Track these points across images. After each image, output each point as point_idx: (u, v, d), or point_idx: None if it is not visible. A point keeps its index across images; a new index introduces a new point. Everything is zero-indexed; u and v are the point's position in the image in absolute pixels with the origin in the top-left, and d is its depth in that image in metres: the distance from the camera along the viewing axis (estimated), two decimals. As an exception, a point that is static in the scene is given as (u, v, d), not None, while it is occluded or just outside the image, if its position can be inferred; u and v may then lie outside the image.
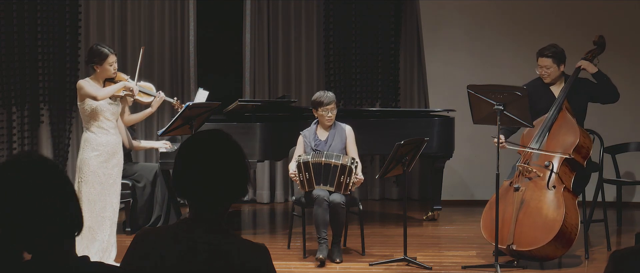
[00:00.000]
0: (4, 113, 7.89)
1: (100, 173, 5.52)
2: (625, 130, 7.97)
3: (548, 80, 6.02)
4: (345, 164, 5.82)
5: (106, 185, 5.55)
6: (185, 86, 8.55)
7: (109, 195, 5.57)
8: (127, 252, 2.22)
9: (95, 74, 5.58)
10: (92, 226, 5.48)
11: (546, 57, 5.98)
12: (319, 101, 6.04)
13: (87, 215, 5.46)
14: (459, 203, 8.37)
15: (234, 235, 2.22)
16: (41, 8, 7.89)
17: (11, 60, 7.83)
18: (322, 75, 8.75)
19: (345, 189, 5.86)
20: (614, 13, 8.17)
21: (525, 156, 5.83)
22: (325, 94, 6.06)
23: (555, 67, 5.99)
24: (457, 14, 8.43)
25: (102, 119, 5.54)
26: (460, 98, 6.45)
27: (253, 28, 8.62)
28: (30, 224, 1.89)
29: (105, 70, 5.55)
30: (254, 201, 8.82)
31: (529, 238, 5.54)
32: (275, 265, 2.28)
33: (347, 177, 5.83)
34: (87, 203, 5.47)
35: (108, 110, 5.56)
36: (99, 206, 5.51)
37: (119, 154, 5.67)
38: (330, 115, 6.04)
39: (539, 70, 6.04)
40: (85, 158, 5.52)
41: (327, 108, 6.01)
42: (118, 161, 5.65)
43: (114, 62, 5.57)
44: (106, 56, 5.52)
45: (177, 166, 2.25)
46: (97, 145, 5.52)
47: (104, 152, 5.54)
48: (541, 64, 6.01)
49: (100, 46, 5.60)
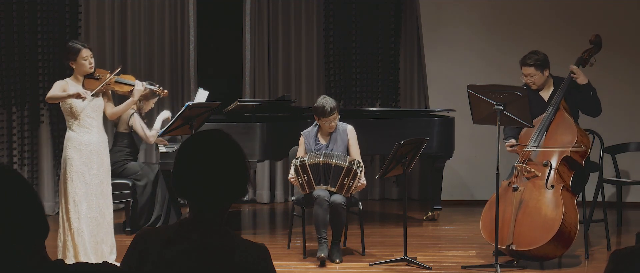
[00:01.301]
0: (4, 113, 7.88)
1: (85, 172, 5.45)
2: (625, 130, 7.96)
3: (534, 87, 6.05)
4: (351, 167, 5.80)
5: (91, 185, 5.47)
6: (185, 86, 8.55)
7: (95, 195, 5.48)
8: (127, 251, 2.22)
9: (74, 73, 5.53)
10: (80, 227, 5.41)
11: (528, 66, 6.02)
12: (321, 111, 5.92)
13: (74, 217, 5.40)
14: (459, 203, 8.37)
15: (234, 235, 2.22)
16: (41, 8, 7.89)
17: (11, 60, 7.83)
18: (322, 75, 8.75)
19: (347, 191, 5.84)
20: (613, 13, 8.17)
21: (524, 156, 5.83)
22: (328, 104, 5.90)
23: (539, 74, 6.01)
24: (457, 14, 8.43)
25: (83, 117, 5.47)
26: (460, 98, 6.45)
27: (253, 28, 8.62)
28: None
29: (80, 65, 5.47)
30: (254, 201, 8.82)
31: (528, 238, 5.54)
32: (275, 265, 2.28)
33: (350, 180, 5.81)
34: (72, 204, 5.41)
35: (87, 107, 5.48)
36: (85, 207, 5.43)
37: (103, 153, 5.58)
38: (333, 124, 5.99)
39: (524, 78, 6.08)
40: (68, 157, 5.46)
41: (329, 118, 5.96)
42: (102, 160, 5.55)
43: (89, 57, 5.47)
44: (78, 51, 5.44)
45: (177, 166, 2.24)
46: (79, 144, 5.45)
47: (86, 151, 5.46)
48: (525, 73, 6.05)
49: (73, 42, 5.56)
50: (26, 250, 1.84)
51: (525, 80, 6.07)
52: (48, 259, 1.89)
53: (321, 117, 5.95)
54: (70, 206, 5.42)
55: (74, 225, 5.41)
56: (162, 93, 6.04)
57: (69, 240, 5.43)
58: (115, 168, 6.88)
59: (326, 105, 5.91)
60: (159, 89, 6.02)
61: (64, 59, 5.56)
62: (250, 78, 8.68)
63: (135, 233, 5.59)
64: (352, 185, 5.82)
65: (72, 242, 5.42)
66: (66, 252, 5.43)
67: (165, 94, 6.10)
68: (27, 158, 7.98)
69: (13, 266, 1.83)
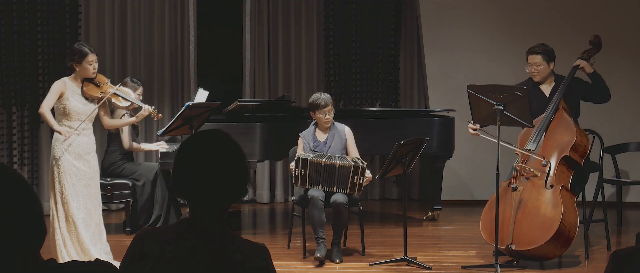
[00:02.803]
0: (4, 113, 7.88)
1: (73, 173, 5.47)
2: (625, 130, 7.97)
3: (538, 78, 6.03)
4: (357, 165, 5.81)
5: (79, 186, 5.49)
6: (185, 86, 8.55)
7: (83, 196, 5.50)
8: (127, 252, 2.21)
9: (74, 74, 5.53)
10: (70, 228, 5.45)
11: (536, 54, 6.01)
12: (315, 104, 6.03)
13: (61, 217, 5.45)
14: (459, 203, 8.37)
15: (234, 235, 2.22)
16: (41, 8, 7.88)
17: (11, 60, 7.82)
18: (322, 75, 8.75)
19: (359, 189, 5.86)
20: (613, 13, 8.17)
21: (523, 156, 5.83)
22: (322, 97, 6.04)
23: (545, 65, 6.01)
24: (457, 14, 8.43)
25: (76, 120, 5.49)
26: (460, 98, 6.45)
27: (253, 28, 8.62)
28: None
29: (84, 69, 5.49)
30: (254, 201, 8.82)
31: (528, 238, 5.54)
32: (275, 265, 2.28)
33: (360, 177, 5.83)
34: (60, 204, 5.46)
35: (81, 111, 5.50)
36: (74, 208, 5.46)
37: (91, 155, 5.60)
38: (328, 117, 6.04)
39: (528, 68, 6.07)
40: (56, 156, 5.49)
41: (324, 110, 6.00)
42: (89, 162, 5.57)
43: (94, 62, 5.50)
44: (85, 55, 5.46)
45: (176, 166, 2.24)
46: (67, 145, 5.47)
47: (74, 152, 5.48)
48: (531, 61, 6.04)
49: (80, 44, 5.58)
50: (19, 251, 1.84)
51: (529, 70, 6.05)
52: (40, 259, 1.88)
53: (316, 110, 6.02)
54: (59, 206, 5.46)
55: (62, 223, 5.45)
56: (157, 116, 6.07)
57: (60, 239, 5.45)
58: (113, 168, 6.88)
59: (320, 98, 6.03)
60: (154, 111, 6.03)
61: (68, 59, 5.56)
62: (250, 78, 8.68)
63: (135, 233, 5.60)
64: (363, 181, 5.84)
65: (62, 241, 5.46)
66: (60, 249, 5.46)
67: (159, 117, 6.14)
68: (27, 158, 7.97)
69: (4, 266, 1.83)
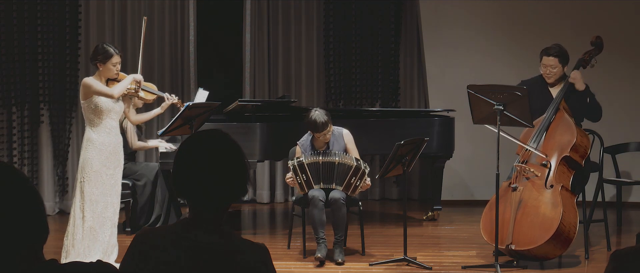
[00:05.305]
0: (4, 113, 7.88)
1: (103, 173, 5.51)
2: (625, 130, 7.96)
3: (552, 80, 5.99)
4: (359, 166, 5.78)
5: (108, 185, 5.54)
6: (185, 86, 8.55)
7: (110, 195, 5.56)
8: (127, 252, 2.22)
9: (97, 73, 5.56)
10: (94, 226, 5.48)
11: (553, 56, 5.95)
12: (313, 127, 5.83)
13: (88, 215, 5.47)
14: (459, 203, 8.37)
15: (234, 235, 2.22)
16: (41, 8, 7.88)
17: (11, 60, 7.82)
18: (322, 75, 8.75)
19: (353, 190, 5.82)
20: (613, 13, 8.17)
21: (523, 156, 5.83)
22: (319, 119, 5.76)
23: (560, 68, 5.97)
24: (457, 14, 8.43)
25: (106, 119, 5.52)
26: (460, 98, 6.45)
27: (253, 28, 8.62)
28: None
29: (107, 69, 5.52)
30: (254, 201, 8.82)
31: (527, 238, 5.54)
32: (275, 265, 2.28)
33: (358, 179, 5.79)
34: (89, 203, 5.47)
35: (113, 109, 5.54)
36: (101, 207, 5.51)
37: (120, 154, 5.66)
38: (327, 136, 5.90)
39: (543, 69, 6.01)
40: (88, 157, 5.50)
41: (322, 133, 5.86)
42: (119, 161, 5.64)
43: (118, 64, 5.54)
44: (111, 56, 5.49)
45: (176, 166, 2.24)
46: (100, 144, 5.50)
47: (106, 152, 5.52)
48: (546, 63, 5.98)
49: (106, 45, 5.59)
50: (22, 251, 1.84)
51: (544, 71, 6.00)
52: (42, 259, 1.89)
53: (314, 132, 5.89)
54: (87, 205, 5.46)
55: (87, 223, 5.46)
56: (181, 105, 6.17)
57: (79, 239, 5.46)
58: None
59: (317, 120, 5.77)
60: (178, 101, 6.20)
61: (92, 59, 5.56)
62: (250, 78, 8.68)
63: (135, 233, 5.58)
64: (359, 185, 5.80)
65: (82, 240, 5.46)
66: (70, 249, 5.47)
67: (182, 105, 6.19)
68: (27, 158, 7.97)
69: (7, 266, 1.83)
